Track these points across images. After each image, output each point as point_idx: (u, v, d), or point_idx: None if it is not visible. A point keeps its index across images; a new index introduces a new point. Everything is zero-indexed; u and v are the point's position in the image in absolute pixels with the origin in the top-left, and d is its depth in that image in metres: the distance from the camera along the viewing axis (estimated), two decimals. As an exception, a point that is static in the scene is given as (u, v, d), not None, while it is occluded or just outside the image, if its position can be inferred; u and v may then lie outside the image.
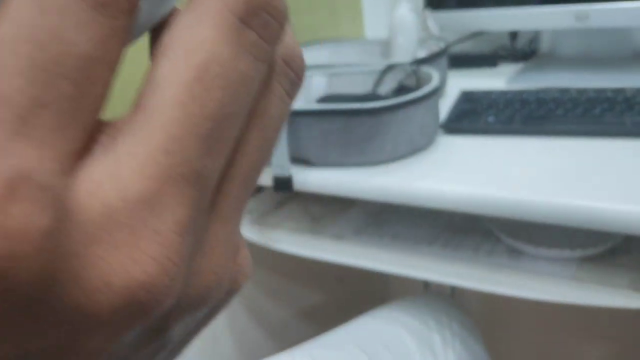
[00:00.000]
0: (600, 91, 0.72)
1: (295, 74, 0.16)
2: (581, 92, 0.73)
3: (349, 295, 1.23)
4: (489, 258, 0.66)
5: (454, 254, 0.68)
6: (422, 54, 0.87)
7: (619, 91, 0.71)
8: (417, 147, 0.66)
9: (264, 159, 0.15)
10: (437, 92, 0.67)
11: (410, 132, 0.64)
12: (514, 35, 1.04)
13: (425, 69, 0.75)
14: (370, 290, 1.30)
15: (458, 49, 1.09)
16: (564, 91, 0.74)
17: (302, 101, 0.81)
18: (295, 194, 0.88)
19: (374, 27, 1.21)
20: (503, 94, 0.77)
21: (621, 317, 1.13)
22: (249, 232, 0.78)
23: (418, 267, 0.66)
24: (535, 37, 1.03)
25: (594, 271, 0.61)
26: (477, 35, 1.08)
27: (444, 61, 0.88)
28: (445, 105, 0.79)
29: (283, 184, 0.66)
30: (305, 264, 0.76)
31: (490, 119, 0.71)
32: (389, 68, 0.79)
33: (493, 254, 0.66)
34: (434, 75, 0.71)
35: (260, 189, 0.82)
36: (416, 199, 0.60)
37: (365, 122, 0.62)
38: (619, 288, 0.58)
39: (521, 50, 1.04)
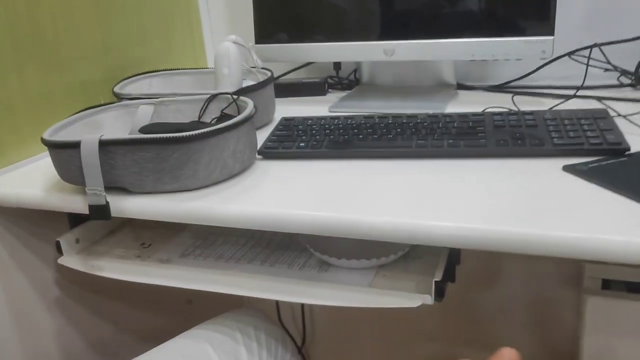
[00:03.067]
0: (397, 117, 0.82)
1: None
2: (382, 118, 0.82)
3: (200, 316, 1.25)
4: (301, 271, 0.72)
5: (271, 270, 0.73)
6: (248, 83, 0.93)
7: (412, 117, 0.81)
8: (231, 172, 0.71)
9: None
10: (247, 120, 0.72)
11: (222, 158, 0.69)
12: (338, 66, 1.13)
13: (245, 98, 0.81)
14: (223, 309, 1.32)
15: (292, 78, 1.16)
16: (368, 118, 0.83)
17: (128, 130, 0.83)
18: (128, 221, 0.89)
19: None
20: (318, 120, 0.84)
21: (444, 319, 1.25)
22: (74, 261, 0.78)
23: (236, 285, 0.70)
24: (357, 67, 1.13)
25: (388, 278, 0.69)
26: (306, 65, 1.16)
27: (270, 90, 0.95)
28: (269, 132, 0.84)
29: (99, 212, 0.67)
30: (154, 289, 0.76)
31: (302, 144, 0.77)
32: (212, 97, 0.83)
33: (305, 268, 0.72)
34: (249, 105, 0.76)
35: (85, 220, 0.82)
36: (229, 221, 0.64)
37: (177, 150, 0.66)
38: (406, 291, 0.66)
39: (347, 79, 1.14)
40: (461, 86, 1.07)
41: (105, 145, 0.65)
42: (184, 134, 0.65)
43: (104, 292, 0.99)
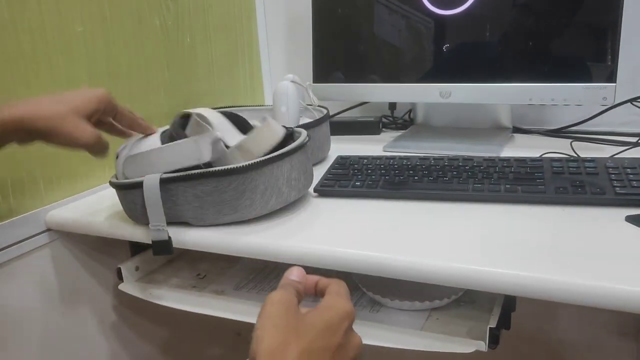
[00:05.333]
0: (453, 159, 0.82)
1: None
2: (438, 160, 0.83)
3: (248, 348, 1.26)
4: (353, 310, 0.72)
5: (323, 307, 0.73)
6: (305, 120, 0.96)
7: (468, 160, 0.81)
8: (287, 200, 0.72)
9: None
10: (300, 149, 0.72)
11: (277, 186, 0.70)
12: (393, 106, 1.15)
13: (299, 129, 0.82)
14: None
15: (347, 117, 1.18)
16: (424, 159, 0.83)
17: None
18: (184, 252, 0.92)
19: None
20: (373, 159, 0.86)
21: None
22: (133, 288, 0.80)
23: (287, 320, 0.71)
24: (412, 108, 1.14)
25: (440, 321, 0.69)
26: (361, 105, 1.18)
27: (325, 127, 0.96)
28: (325, 169, 0.86)
29: (162, 247, 0.69)
30: (206, 318, 0.78)
31: (358, 183, 0.79)
32: (271, 134, 0.86)
33: (357, 306, 0.73)
34: (302, 134, 0.77)
35: (145, 249, 0.85)
36: (284, 257, 0.66)
37: (233, 180, 0.67)
38: (459, 336, 0.65)
39: (401, 119, 1.15)
40: (517, 129, 1.07)
41: (166, 183, 0.68)
42: (238, 164, 0.67)
43: (157, 320, 1.02)
